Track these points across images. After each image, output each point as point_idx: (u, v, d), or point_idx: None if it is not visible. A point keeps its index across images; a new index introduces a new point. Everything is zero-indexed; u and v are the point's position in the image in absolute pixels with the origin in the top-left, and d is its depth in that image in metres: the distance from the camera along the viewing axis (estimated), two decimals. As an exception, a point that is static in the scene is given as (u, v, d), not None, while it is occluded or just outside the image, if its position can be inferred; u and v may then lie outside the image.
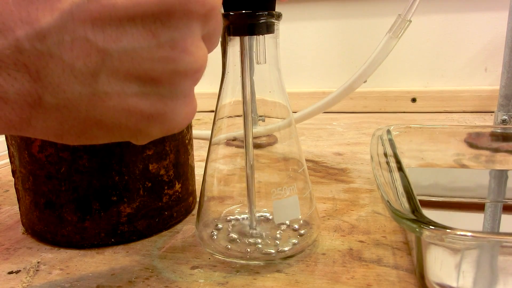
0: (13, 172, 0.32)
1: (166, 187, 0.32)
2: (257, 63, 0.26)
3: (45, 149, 0.29)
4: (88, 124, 0.16)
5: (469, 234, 0.20)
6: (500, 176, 0.41)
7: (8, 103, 0.15)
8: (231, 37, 0.26)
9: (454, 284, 0.22)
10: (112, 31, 0.15)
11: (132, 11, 0.15)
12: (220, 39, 0.27)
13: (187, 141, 0.35)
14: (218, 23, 0.19)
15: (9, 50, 0.14)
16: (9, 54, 0.14)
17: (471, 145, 0.42)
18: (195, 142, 0.57)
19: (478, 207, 0.35)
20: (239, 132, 0.28)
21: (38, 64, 0.14)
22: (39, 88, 0.15)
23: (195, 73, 0.17)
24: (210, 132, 0.30)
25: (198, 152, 0.53)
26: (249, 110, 0.27)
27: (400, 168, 0.29)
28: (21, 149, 0.30)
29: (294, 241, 0.28)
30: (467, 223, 0.33)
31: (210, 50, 0.21)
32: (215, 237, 0.28)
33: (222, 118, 0.29)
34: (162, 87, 0.17)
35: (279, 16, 0.25)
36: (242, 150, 0.28)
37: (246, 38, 0.26)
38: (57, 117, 0.16)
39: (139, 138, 0.18)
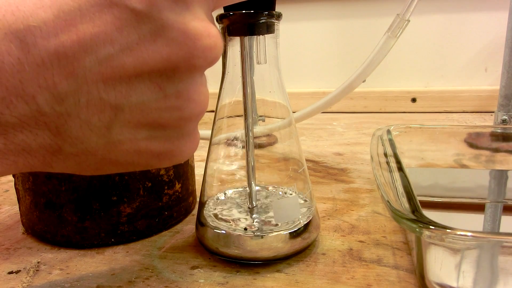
0: (13, 172, 0.32)
1: (166, 187, 0.32)
2: (257, 63, 0.26)
3: (45, 149, 0.29)
4: (104, 163, 0.18)
5: (469, 234, 0.20)
6: (500, 176, 0.41)
7: (31, 154, 0.16)
8: (231, 37, 0.26)
9: (454, 284, 0.22)
10: (122, 87, 0.16)
11: (139, 69, 0.16)
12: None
13: (187, 141, 0.35)
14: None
15: (31, 114, 0.15)
16: (30, 116, 0.15)
17: (471, 145, 0.42)
18: (195, 142, 0.57)
19: (478, 207, 0.35)
20: (239, 132, 0.28)
21: (57, 122, 0.16)
22: (59, 141, 0.16)
23: (198, 116, 0.19)
24: (210, 132, 0.30)
25: (198, 152, 0.53)
26: (249, 110, 0.27)
27: (400, 168, 0.29)
28: (21, 149, 0.30)
29: (294, 241, 0.27)
30: (467, 223, 0.33)
31: None
32: (215, 237, 0.28)
33: (222, 118, 0.29)
34: (169, 130, 0.18)
35: (279, 16, 0.25)
36: (243, 150, 0.28)
37: (246, 38, 0.26)
38: (76, 160, 0.18)
39: (150, 168, 0.20)
